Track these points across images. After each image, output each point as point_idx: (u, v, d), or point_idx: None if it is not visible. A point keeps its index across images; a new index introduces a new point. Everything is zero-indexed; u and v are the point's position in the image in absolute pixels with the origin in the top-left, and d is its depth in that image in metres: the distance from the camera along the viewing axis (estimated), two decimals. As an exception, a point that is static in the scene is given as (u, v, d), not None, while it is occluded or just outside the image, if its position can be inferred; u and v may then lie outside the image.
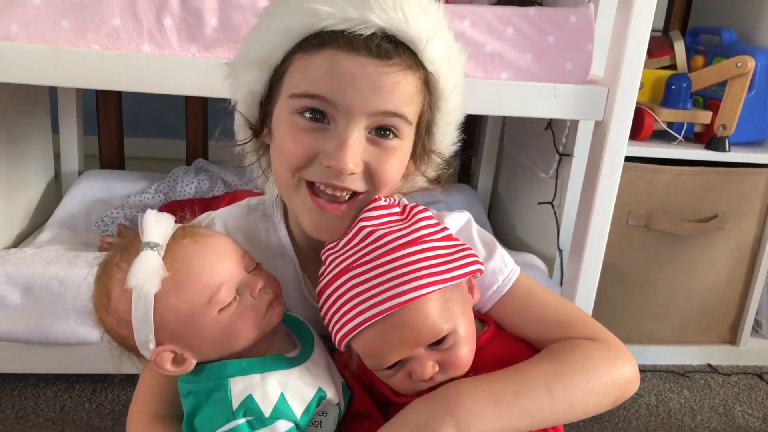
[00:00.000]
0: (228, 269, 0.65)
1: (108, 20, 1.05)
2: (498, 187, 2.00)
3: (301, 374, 0.66)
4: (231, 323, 0.64)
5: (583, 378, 0.66)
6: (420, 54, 0.65)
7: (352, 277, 0.63)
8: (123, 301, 0.63)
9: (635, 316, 1.62)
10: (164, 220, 0.66)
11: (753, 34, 1.68)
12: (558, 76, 1.20)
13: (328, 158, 0.63)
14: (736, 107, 1.50)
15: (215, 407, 0.63)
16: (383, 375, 0.67)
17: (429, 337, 0.63)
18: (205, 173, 1.78)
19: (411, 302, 0.61)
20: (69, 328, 1.19)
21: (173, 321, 0.63)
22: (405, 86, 0.64)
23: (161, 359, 0.64)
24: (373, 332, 0.62)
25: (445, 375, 0.65)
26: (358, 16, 0.62)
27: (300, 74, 0.65)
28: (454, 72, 0.70)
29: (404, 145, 0.68)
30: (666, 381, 1.58)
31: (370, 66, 0.63)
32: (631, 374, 0.70)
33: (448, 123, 0.73)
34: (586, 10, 1.21)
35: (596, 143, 1.24)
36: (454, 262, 0.65)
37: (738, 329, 1.68)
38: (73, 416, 1.26)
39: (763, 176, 1.57)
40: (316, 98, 0.63)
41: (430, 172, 0.76)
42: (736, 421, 1.44)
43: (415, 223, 0.66)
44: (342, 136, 0.63)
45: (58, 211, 1.64)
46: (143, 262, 0.61)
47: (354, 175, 0.65)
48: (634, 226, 1.54)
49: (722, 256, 1.61)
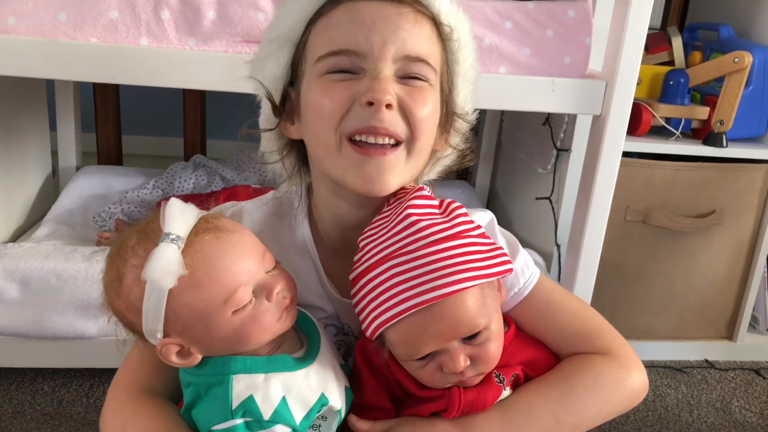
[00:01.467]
0: (247, 269, 0.63)
1: (106, 13, 1.05)
2: (496, 183, 2.00)
3: (305, 377, 0.65)
4: (243, 325, 0.63)
5: (590, 402, 0.69)
6: (429, 2, 0.67)
7: (395, 265, 0.62)
8: (135, 289, 0.61)
9: (633, 311, 1.63)
10: (188, 211, 0.64)
11: (750, 30, 1.69)
12: (556, 71, 1.20)
13: (365, 94, 0.63)
14: (733, 103, 1.50)
15: (214, 402, 0.62)
16: (413, 366, 0.66)
17: (466, 330, 0.63)
18: (203, 169, 1.77)
19: (453, 294, 0.61)
20: (67, 322, 1.19)
21: (185, 317, 0.61)
22: (422, 27, 0.66)
23: (167, 351, 0.63)
24: (412, 322, 0.62)
25: (475, 370, 0.66)
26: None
27: (322, 37, 0.66)
28: (463, 27, 0.71)
29: (434, 91, 0.68)
30: (663, 376, 1.58)
31: (387, 8, 0.65)
32: (641, 387, 0.72)
33: (467, 80, 0.74)
34: (584, 4, 1.21)
35: (594, 138, 1.24)
36: (492, 260, 0.65)
37: (735, 325, 1.69)
38: (70, 411, 1.26)
39: (760, 172, 1.58)
40: (341, 54, 0.65)
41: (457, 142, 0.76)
42: (733, 416, 1.45)
43: (455, 218, 0.66)
44: (373, 73, 0.64)
45: (56, 207, 1.64)
46: (162, 256, 0.59)
47: (391, 110, 0.64)
48: (632, 221, 1.55)
49: (720, 252, 1.62)
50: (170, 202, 0.64)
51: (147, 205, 1.66)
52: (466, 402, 0.66)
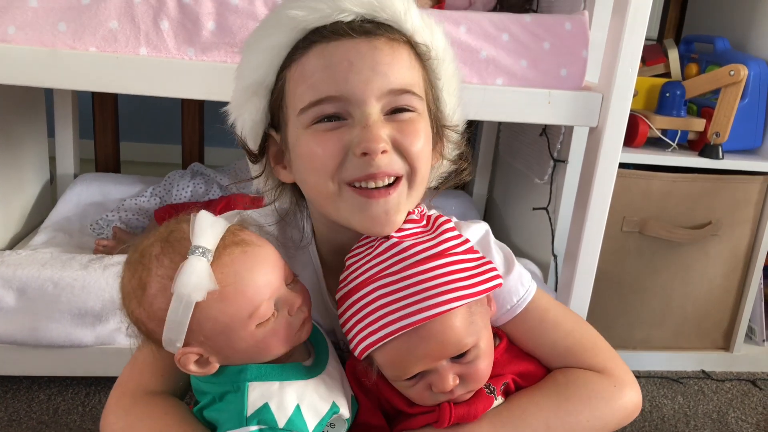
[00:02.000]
0: (271, 283, 0.63)
1: (105, 23, 1.06)
2: (493, 193, 2.00)
3: (316, 386, 0.66)
4: (265, 338, 0.63)
5: (583, 417, 0.69)
6: (402, 27, 0.66)
7: (379, 287, 0.62)
8: (160, 299, 0.61)
9: (630, 322, 1.63)
10: (218, 223, 0.64)
11: (746, 43, 1.70)
12: (553, 83, 1.21)
13: (358, 145, 0.62)
14: (729, 115, 1.51)
15: (228, 407, 0.63)
16: (402, 385, 0.67)
17: (454, 350, 0.63)
18: (200, 177, 1.78)
19: (440, 316, 0.60)
20: (63, 331, 1.19)
21: (209, 329, 0.61)
22: (399, 58, 0.64)
23: (186, 360, 0.63)
24: (398, 344, 0.62)
25: (465, 388, 0.66)
26: (332, 8, 0.63)
27: (300, 87, 0.64)
28: (438, 39, 0.70)
29: (422, 119, 0.67)
30: (660, 387, 1.58)
31: (361, 45, 0.63)
32: (634, 407, 0.72)
33: (451, 93, 0.73)
34: (581, 17, 1.22)
35: (590, 149, 1.24)
36: (479, 276, 0.64)
37: (732, 336, 1.69)
38: (66, 419, 1.25)
39: (756, 184, 1.58)
40: (323, 102, 0.63)
41: (451, 153, 0.76)
42: (729, 427, 1.45)
43: (440, 234, 0.66)
44: (362, 120, 0.63)
45: (53, 214, 1.64)
46: (194, 270, 0.59)
47: (386, 154, 0.63)
48: (629, 232, 1.55)
49: (716, 263, 1.62)
50: (200, 214, 0.64)
51: (144, 213, 1.66)
52: (456, 416, 0.67)
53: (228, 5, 1.08)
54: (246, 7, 1.08)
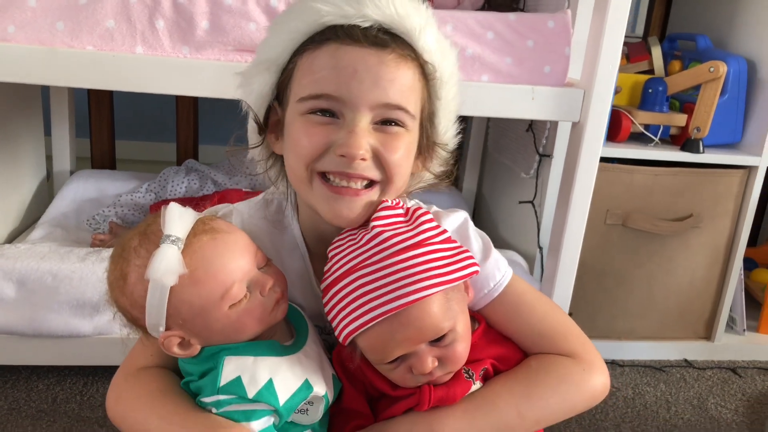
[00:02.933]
0: (241, 267, 0.68)
1: (102, 22, 1.09)
2: (483, 188, 2.04)
3: (291, 364, 0.70)
4: (239, 318, 0.68)
5: (553, 400, 0.73)
6: (414, 44, 0.70)
7: (361, 276, 0.66)
8: (139, 287, 0.66)
9: (614, 312, 1.67)
10: (186, 213, 0.69)
11: (727, 41, 1.75)
12: (537, 79, 1.25)
13: (340, 146, 0.67)
14: (709, 110, 1.56)
15: (207, 380, 0.68)
16: (384, 369, 0.70)
17: (431, 334, 0.67)
18: (195, 173, 1.81)
19: (417, 302, 0.64)
20: (62, 321, 1.22)
21: (186, 312, 0.66)
22: (403, 76, 0.68)
23: (169, 343, 0.67)
24: (379, 329, 0.65)
25: (444, 369, 0.69)
26: (355, 12, 0.67)
27: (306, 77, 0.69)
28: (448, 62, 0.74)
29: (409, 135, 0.71)
30: (643, 375, 1.63)
31: (369, 56, 0.67)
32: (602, 388, 0.76)
33: (448, 113, 0.77)
34: (563, 15, 1.26)
35: (573, 144, 1.29)
36: (455, 264, 0.68)
37: (713, 325, 1.74)
38: (64, 408, 1.29)
39: (736, 177, 1.63)
40: (322, 97, 0.67)
41: (436, 167, 0.79)
42: (709, 412, 1.50)
43: (418, 225, 0.69)
44: (350, 125, 0.67)
45: (50, 210, 1.67)
46: (164, 257, 0.64)
47: (365, 162, 0.68)
48: (613, 225, 1.59)
49: (698, 255, 1.67)
50: (169, 206, 0.69)
51: (140, 208, 1.70)
52: (435, 397, 0.70)
53: (221, 5, 1.11)
54: (239, 6, 1.12)
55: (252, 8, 1.13)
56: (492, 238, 0.82)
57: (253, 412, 0.66)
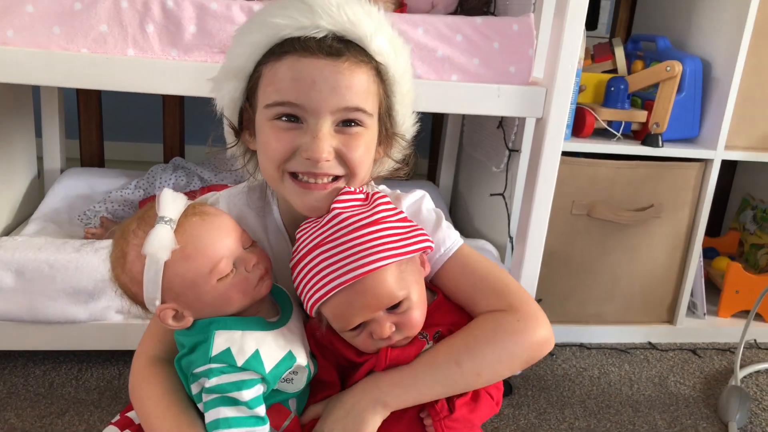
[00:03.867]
0: (228, 245, 0.77)
1: (96, 27, 1.17)
2: (458, 183, 2.14)
3: (275, 337, 0.78)
4: (226, 291, 0.76)
5: (489, 349, 0.78)
6: (367, 48, 0.77)
7: (322, 252, 0.74)
8: (137, 264, 0.74)
9: (582, 298, 1.77)
10: (178, 198, 0.77)
11: (685, 42, 1.85)
12: (502, 78, 1.34)
13: (306, 151, 0.75)
14: (667, 107, 1.66)
15: (198, 352, 0.75)
16: (348, 336, 0.78)
17: (387, 301, 0.75)
18: (182, 170, 1.88)
19: (372, 272, 0.72)
20: (59, 308, 1.30)
21: (178, 285, 0.75)
22: (359, 81, 0.76)
23: (164, 315, 0.76)
24: (340, 298, 0.73)
25: (401, 334, 0.77)
26: (310, 23, 0.74)
27: (270, 86, 0.75)
28: (400, 60, 0.81)
29: (368, 132, 0.79)
30: (609, 356, 1.73)
31: (325, 67, 0.74)
32: (541, 338, 0.81)
33: (404, 105, 0.85)
34: (527, 19, 1.35)
35: (537, 138, 1.38)
36: (408, 239, 0.76)
37: (675, 310, 1.84)
38: (61, 391, 1.36)
39: (693, 170, 1.74)
40: (286, 105, 0.75)
41: (397, 154, 0.88)
42: (669, 389, 1.60)
43: (375, 207, 0.78)
44: (314, 131, 0.75)
45: (43, 206, 1.74)
46: (158, 234, 0.72)
47: (328, 162, 0.76)
48: (578, 215, 1.69)
49: (659, 243, 1.77)
50: (164, 191, 0.78)
51: (130, 204, 1.77)
52: (392, 356, 0.78)
53: (207, 10, 1.19)
54: (224, 11, 1.20)
55: (236, 13, 1.21)
56: (467, 229, 0.91)
57: (243, 382, 0.73)
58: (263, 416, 0.74)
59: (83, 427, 1.26)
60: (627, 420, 1.46)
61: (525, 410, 1.46)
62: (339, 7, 0.75)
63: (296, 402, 0.80)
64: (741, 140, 1.76)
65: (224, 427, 0.72)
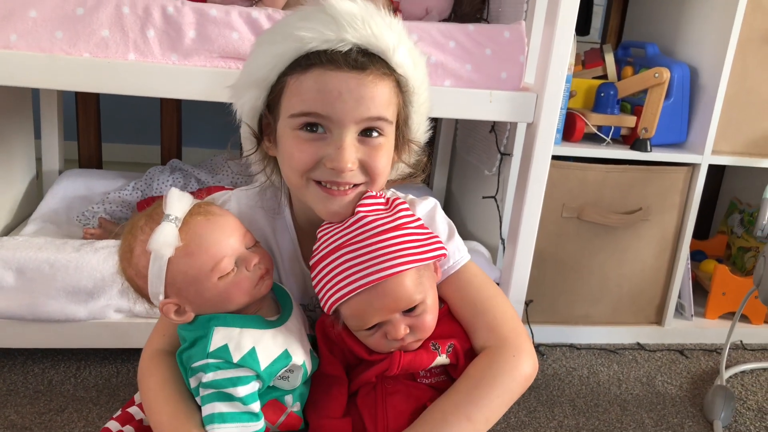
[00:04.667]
0: (231, 245, 0.79)
1: (98, 32, 1.20)
2: (452, 186, 2.17)
3: (274, 335, 0.81)
4: (227, 289, 0.79)
5: (494, 395, 0.79)
6: (390, 61, 0.80)
7: (346, 253, 0.76)
8: (143, 259, 0.77)
9: (571, 299, 1.81)
10: (184, 197, 0.80)
11: (673, 49, 1.90)
12: (494, 84, 1.38)
13: (330, 161, 0.76)
14: (655, 112, 1.70)
15: (198, 347, 0.78)
16: (362, 335, 0.81)
17: (405, 304, 0.77)
18: (179, 172, 1.91)
19: (393, 276, 0.75)
20: (59, 307, 1.32)
21: (181, 281, 0.77)
22: (382, 93, 0.77)
23: (167, 309, 0.79)
24: (360, 298, 0.76)
25: (414, 336, 0.80)
26: (335, 36, 0.76)
27: (295, 97, 0.77)
28: (418, 72, 0.84)
29: (388, 141, 0.82)
30: (598, 357, 1.77)
31: (351, 80, 0.75)
32: (531, 371, 0.83)
33: (420, 114, 0.88)
34: (518, 26, 1.39)
35: (528, 143, 1.42)
36: (427, 246, 0.80)
37: (663, 311, 1.88)
38: (60, 389, 1.39)
39: (681, 174, 1.77)
40: (311, 115, 0.76)
41: (410, 159, 0.91)
42: (656, 388, 1.63)
43: (396, 213, 0.81)
44: (338, 141, 0.76)
45: (41, 207, 1.76)
46: (163, 231, 0.75)
47: (352, 171, 0.79)
48: (568, 218, 1.73)
49: (648, 245, 1.81)
50: (171, 190, 0.81)
51: (128, 205, 1.79)
52: (404, 361, 0.81)
53: (207, 16, 1.22)
54: (223, 17, 1.23)
55: (235, 19, 1.24)
56: (460, 231, 0.94)
57: (239, 378, 0.76)
58: (258, 412, 0.77)
59: (82, 424, 1.29)
60: (615, 418, 1.50)
61: (515, 408, 1.49)
62: (364, 20, 0.77)
63: (293, 398, 0.83)
64: (727, 145, 1.80)
65: (219, 421, 0.75)
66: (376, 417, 0.81)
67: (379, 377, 0.83)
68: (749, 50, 1.72)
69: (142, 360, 0.87)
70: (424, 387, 0.84)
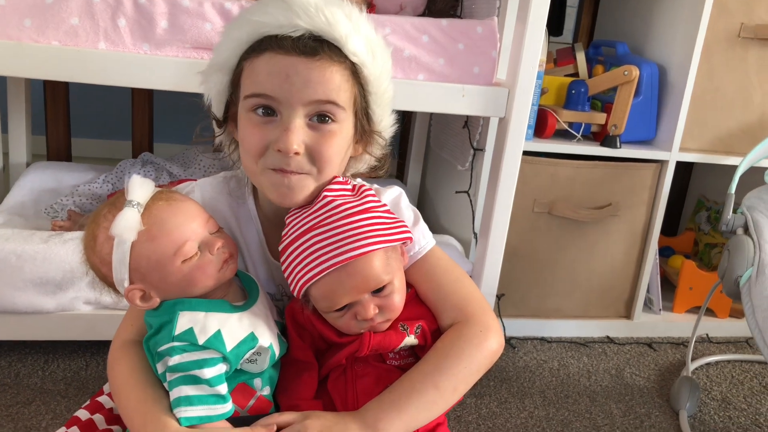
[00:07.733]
0: (193, 229, 0.80)
1: (67, 20, 1.18)
2: (425, 181, 2.19)
3: (239, 319, 0.81)
4: (191, 273, 0.79)
5: (462, 365, 0.82)
6: (343, 48, 0.81)
7: (315, 235, 0.78)
8: (106, 246, 0.77)
9: (542, 293, 1.83)
10: (146, 183, 0.80)
11: (643, 48, 1.93)
12: (467, 78, 1.39)
13: (276, 142, 0.79)
14: (624, 110, 1.73)
15: (163, 332, 0.78)
16: (332, 317, 0.82)
17: (374, 284, 0.79)
18: (151, 165, 1.89)
19: (362, 256, 0.77)
20: (26, 298, 1.30)
21: (145, 266, 0.77)
22: (331, 76, 0.79)
23: (132, 295, 0.79)
24: (330, 278, 0.77)
25: (383, 317, 0.82)
26: (288, 22, 0.78)
27: (248, 79, 0.80)
28: (378, 62, 0.85)
29: (342, 128, 0.82)
30: (568, 349, 1.79)
31: (300, 63, 0.78)
32: (498, 347, 0.86)
33: (381, 106, 0.88)
34: (490, 22, 1.41)
35: (499, 137, 1.43)
36: (394, 229, 0.81)
37: (632, 305, 1.92)
38: (27, 381, 1.37)
39: (649, 170, 1.81)
40: (261, 96, 0.79)
41: (376, 151, 0.92)
42: (625, 380, 1.67)
43: (364, 197, 0.82)
44: (285, 123, 0.79)
45: (8, 199, 1.73)
46: (125, 216, 0.75)
47: (299, 156, 0.79)
48: (539, 212, 1.75)
49: (617, 240, 1.84)
50: (132, 177, 0.80)
51: (98, 198, 1.77)
52: (374, 342, 0.82)
53: (179, 6, 1.22)
54: (196, 8, 1.22)
55: (208, 9, 1.23)
56: (434, 225, 0.96)
57: (205, 361, 0.76)
58: (225, 395, 0.77)
59: (50, 416, 1.27)
60: (584, 409, 1.52)
61: (487, 399, 1.51)
62: (317, 8, 0.79)
63: (263, 381, 0.83)
64: (694, 142, 1.84)
65: (185, 404, 0.75)
66: (347, 399, 0.82)
67: (349, 359, 0.85)
68: (715, 50, 1.76)
69: (111, 350, 0.86)
70: (393, 369, 0.85)
